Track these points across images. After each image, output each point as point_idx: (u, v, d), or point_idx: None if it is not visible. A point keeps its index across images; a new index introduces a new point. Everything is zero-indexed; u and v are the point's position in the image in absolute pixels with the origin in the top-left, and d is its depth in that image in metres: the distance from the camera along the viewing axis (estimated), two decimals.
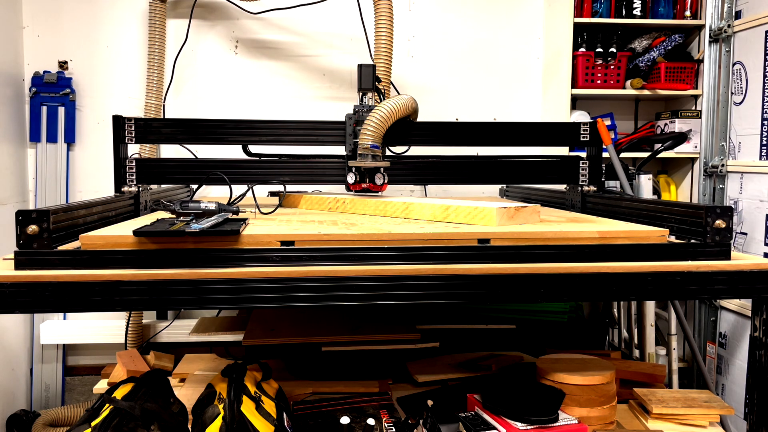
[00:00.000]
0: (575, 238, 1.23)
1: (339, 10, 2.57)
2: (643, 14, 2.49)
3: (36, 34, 2.49)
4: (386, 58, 2.17)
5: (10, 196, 2.38)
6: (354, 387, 1.70)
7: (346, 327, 1.87)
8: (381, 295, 1.13)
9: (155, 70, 2.40)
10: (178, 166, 1.75)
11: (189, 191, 2.22)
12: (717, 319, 2.48)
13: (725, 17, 2.42)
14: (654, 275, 1.17)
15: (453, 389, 1.70)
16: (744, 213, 2.34)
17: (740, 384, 2.29)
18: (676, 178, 2.70)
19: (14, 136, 2.41)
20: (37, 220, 1.09)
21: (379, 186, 1.71)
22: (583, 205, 1.79)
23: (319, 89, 2.62)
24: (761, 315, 1.22)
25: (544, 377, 1.47)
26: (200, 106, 2.57)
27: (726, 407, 1.51)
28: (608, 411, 1.44)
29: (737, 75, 2.40)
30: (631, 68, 2.53)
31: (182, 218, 1.25)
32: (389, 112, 1.63)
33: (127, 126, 1.67)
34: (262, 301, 1.11)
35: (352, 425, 1.41)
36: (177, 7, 2.53)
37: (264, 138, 1.74)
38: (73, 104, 2.49)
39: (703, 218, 1.22)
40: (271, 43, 2.59)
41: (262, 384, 1.44)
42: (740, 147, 2.39)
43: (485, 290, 1.15)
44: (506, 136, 1.82)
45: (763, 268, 1.19)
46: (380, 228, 1.27)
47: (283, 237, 1.17)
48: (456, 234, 1.22)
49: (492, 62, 2.68)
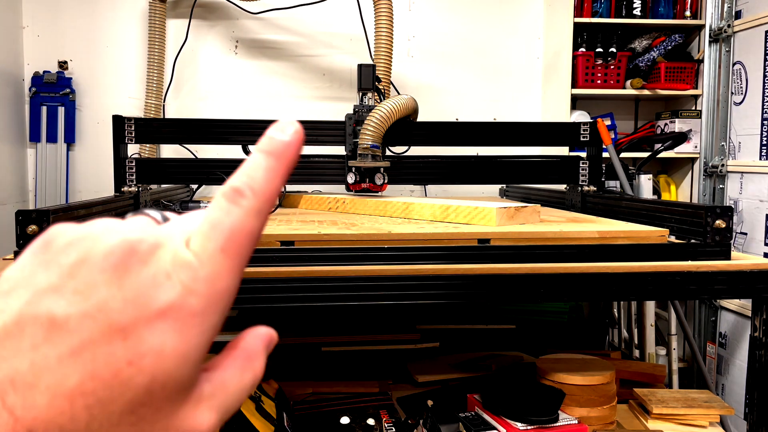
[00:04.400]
0: (575, 238, 1.23)
1: (339, 10, 2.57)
2: (643, 14, 2.49)
3: (36, 34, 2.49)
4: (386, 58, 2.17)
5: (9, 196, 2.38)
6: (354, 387, 1.69)
7: (346, 327, 1.87)
8: (381, 295, 1.13)
9: (155, 70, 2.40)
10: (178, 166, 1.75)
11: (189, 191, 2.22)
12: (717, 319, 2.48)
13: (725, 17, 2.42)
14: (654, 275, 1.17)
15: (453, 389, 1.69)
16: (744, 213, 2.34)
17: (740, 384, 2.29)
18: (676, 178, 2.70)
19: (14, 136, 2.41)
20: (37, 220, 1.09)
21: (379, 186, 1.71)
22: (583, 205, 1.79)
23: (319, 89, 2.62)
24: (761, 315, 1.22)
25: (544, 377, 1.47)
26: (200, 106, 2.57)
27: (726, 407, 1.51)
28: (608, 411, 1.44)
29: (737, 75, 2.40)
30: (631, 68, 2.53)
31: None
32: (389, 112, 1.63)
33: (127, 126, 1.67)
34: (262, 301, 1.11)
35: (352, 425, 1.41)
36: (177, 7, 2.53)
37: None
38: (73, 104, 2.49)
39: (703, 218, 1.22)
40: (271, 43, 2.59)
41: (262, 384, 1.44)
42: (740, 147, 2.39)
43: (485, 290, 1.15)
44: (506, 136, 1.82)
45: (763, 268, 1.19)
46: (380, 228, 1.27)
47: (283, 237, 1.17)
48: (456, 234, 1.22)
49: (492, 62, 2.68)
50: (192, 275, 0.25)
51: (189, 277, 0.25)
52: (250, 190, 0.27)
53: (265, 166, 0.27)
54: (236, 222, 0.26)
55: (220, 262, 0.26)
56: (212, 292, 0.26)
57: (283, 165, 0.28)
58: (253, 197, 0.27)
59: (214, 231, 0.26)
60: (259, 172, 0.27)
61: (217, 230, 0.26)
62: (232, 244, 0.26)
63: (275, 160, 0.28)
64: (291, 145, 0.28)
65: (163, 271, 0.25)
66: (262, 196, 0.27)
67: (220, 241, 0.26)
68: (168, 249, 0.26)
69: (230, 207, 0.26)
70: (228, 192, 0.27)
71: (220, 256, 0.26)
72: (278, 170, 0.28)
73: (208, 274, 0.25)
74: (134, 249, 0.25)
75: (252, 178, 0.27)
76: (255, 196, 0.27)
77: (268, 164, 0.28)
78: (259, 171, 0.27)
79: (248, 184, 0.27)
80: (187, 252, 0.26)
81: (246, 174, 0.27)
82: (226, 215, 0.26)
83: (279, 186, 0.28)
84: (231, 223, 0.26)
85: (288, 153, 0.28)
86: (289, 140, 0.28)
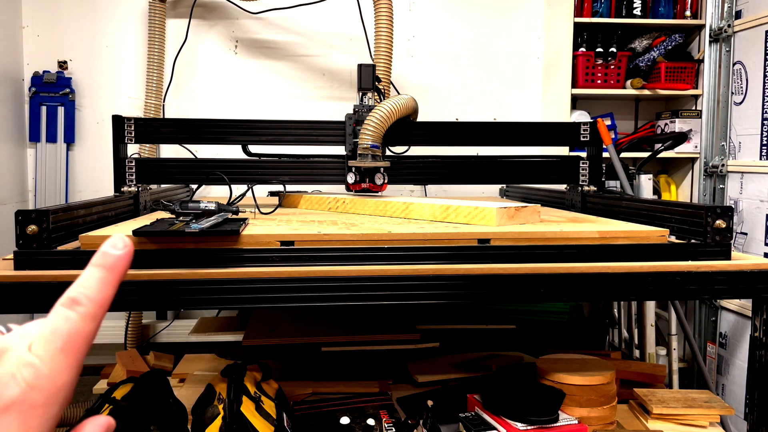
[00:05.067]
0: (575, 238, 1.23)
1: (339, 10, 2.57)
2: (643, 14, 2.49)
3: (36, 34, 2.49)
4: (386, 58, 2.17)
5: (9, 196, 2.37)
6: (354, 387, 1.69)
7: (346, 327, 1.87)
8: (381, 295, 1.13)
9: (155, 70, 2.40)
10: (177, 166, 1.75)
11: (189, 191, 2.22)
12: (717, 319, 2.48)
13: (725, 17, 2.42)
14: (654, 275, 1.17)
15: (453, 389, 1.69)
16: (744, 213, 2.34)
17: (740, 384, 2.29)
18: (676, 178, 2.70)
19: (14, 136, 2.41)
20: (37, 220, 1.09)
21: (379, 186, 1.71)
22: (583, 205, 1.78)
23: (319, 89, 2.62)
24: (761, 315, 1.21)
25: (544, 377, 1.47)
26: (200, 105, 2.57)
27: (726, 407, 1.51)
28: (608, 411, 1.44)
29: (737, 75, 2.40)
30: (631, 68, 2.53)
31: (182, 218, 1.25)
32: (389, 112, 1.63)
33: (127, 126, 1.67)
34: (262, 301, 1.11)
35: (352, 425, 1.41)
36: (177, 7, 2.53)
37: (264, 138, 1.73)
38: (73, 104, 2.49)
39: (704, 218, 1.22)
40: (271, 43, 2.59)
41: (262, 384, 1.44)
42: (740, 147, 2.39)
43: (485, 290, 1.15)
44: (506, 136, 1.82)
45: (763, 268, 1.19)
46: (380, 228, 1.27)
47: (283, 237, 1.17)
48: (456, 234, 1.21)
49: (492, 62, 2.68)
50: (35, 373, 0.30)
51: (32, 375, 0.29)
52: (85, 298, 0.32)
53: (98, 277, 0.32)
54: (73, 326, 0.31)
55: (60, 361, 0.30)
56: (53, 387, 0.30)
57: (114, 276, 0.33)
58: (88, 304, 0.32)
59: (53, 335, 0.31)
60: (93, 282, 0.32)
61: (56, 334, 0.31)
62: (71, 345, 0.31)
63: (108, 272, 0.33)
64: (122, 258, 0.33)
65: (9, 372, 0.29)
66: (96, 303, 0.32)
67: (59, 343, 0.30)
68: (13, 353, 0.30)
69: (68, 313, 0.31)
70: (66, 301, 0.32)
71: (60, 356, 0.30)
72: (110, 281, 0.33)
73: (49, 372, 0.30)
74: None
75: (87, 287, 0.32)
76: (90, 303, 0.32)
77: (101, 276, 0.32)
78: (92, 281, 0.32)
79: (84, 294, 0.32)
80: (30, 355, 0.30)
81: (81, 285, 0.32)
82: (64, 321, 0.31)
83: (111, 294, 0.33)
84: (69, 327, 0.31)
85: (119, 266, 0.33)
86: (120, 254, 0.33)
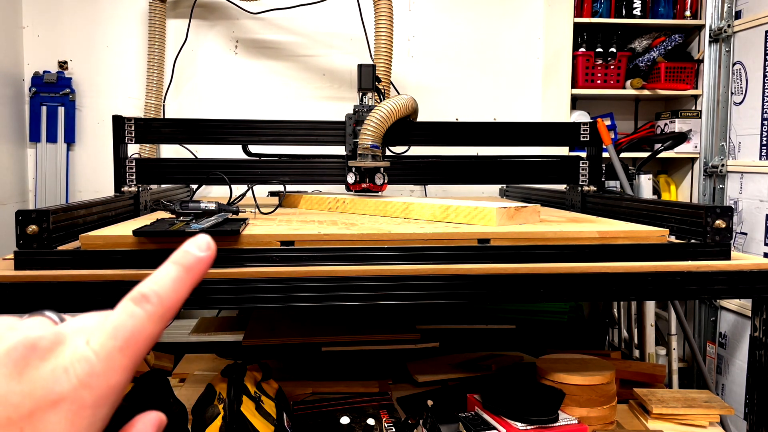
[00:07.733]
0: (575, 238, 1.23)
1: (339, 10, 2.57)
2: (643, 14, 2.49)
3: (36, 34, 2.49)
4: (386, 58, 2.17)
5: (9, 196, 2.38)
6: (354, 387, 1.69)
7: (346, 327, 1.87)
8: (381, 295, 1.13)
9: (155, 70, 2.40)
10: (178, 166, 1.75)
11: (189, 191, 2.22)
12: (717, 319, 2.48)
13: (725, 17, 2.42)
14: (654, 275, 1.17)
15: (453, 389, 1.69)
16: (744, 213, 2.34)
17: (740, 384, 2.29)
18: (676, 178, 2.70)
19: (14, 136, 2.41)
20: (37, 220, 1.09)
21: (379, 186, 1.71)
22: (583, 205, 1.79)
23: (319, 89, 2.62)
24: (761, 315, 1.22)
25: (544, 377, 1.47)
26: (200, 106, 2.57)
27: (726, 407, 1.51)
28: (608, 411, 1.44)
29: (737, 75, 2.40)
30: (631, 68, 2.53)
31: (182, 218, 1.25)
32: (389, 112, 1.63)
33: (127, 126, 1.67)
34: (262, 301, 1.11)
35: (352, 425, 1.41)
36: (177, 7, 2.53)
37: (264, 138, 1.74)
38: (73, 104, 2.49)
39: (703, 218, 1.22)
40: (271, 43, 2.59)
41: (262, 384, 1.44)
42: (740, 147, 2.39)
43: (485, 290, 1.15)
44: (506, 136, 1.82)
45: (763, 268, 1.19)
46: (380, 228, 1.27)
47: (283, 237, 1.17)
48: (456, 234, 1.21)
49: (492, 62, 2.68)
50: (89, 370, 0.27)
51: (85, 372, 0.27)
52: (156, 296, 0.29)
53: (174, 276, 0.30)
54: (138, 325, 0.28)
55: (117, 361, 0.28)
56: (105, 387, 0.28)
57: (191, 278, 0.30)
58: (158, 303, 0.29)
59: (115, 331, 0.28)
60: (168, 281, 0.30)
61: (118, 331, 0.28)
62: (131, 345, 0.28)
63: (186, 273, 0.30)
64: (203, 261, 0.30)
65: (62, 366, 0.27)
66: (166, 304, 0.29)
67: (120, 341, 0.28)
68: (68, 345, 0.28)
69: (134, 310, 0.29)
70: (135, 296, 0.29)
71: (118, 356, 0.28)
72: (186, 282, 0.30)
73: (103, 370, 0.28)
74: (35, 346, 0.27)
75: (160, 285, 0.29)
76: (160, 303, 0.29)
77: (177, 275, 0.30)
78: (167, 280, 0.30)
79: (156, 291, 0.29)
80: (87, 348, 0.28)
81: (155, 281, 0.30)
82: (129, 317, 0.29)
83: (184, 297, 0.30)
84: (133, 325, 0.28)
85: (198, 268, 0.30)
86: (202, 256, 0.30)
